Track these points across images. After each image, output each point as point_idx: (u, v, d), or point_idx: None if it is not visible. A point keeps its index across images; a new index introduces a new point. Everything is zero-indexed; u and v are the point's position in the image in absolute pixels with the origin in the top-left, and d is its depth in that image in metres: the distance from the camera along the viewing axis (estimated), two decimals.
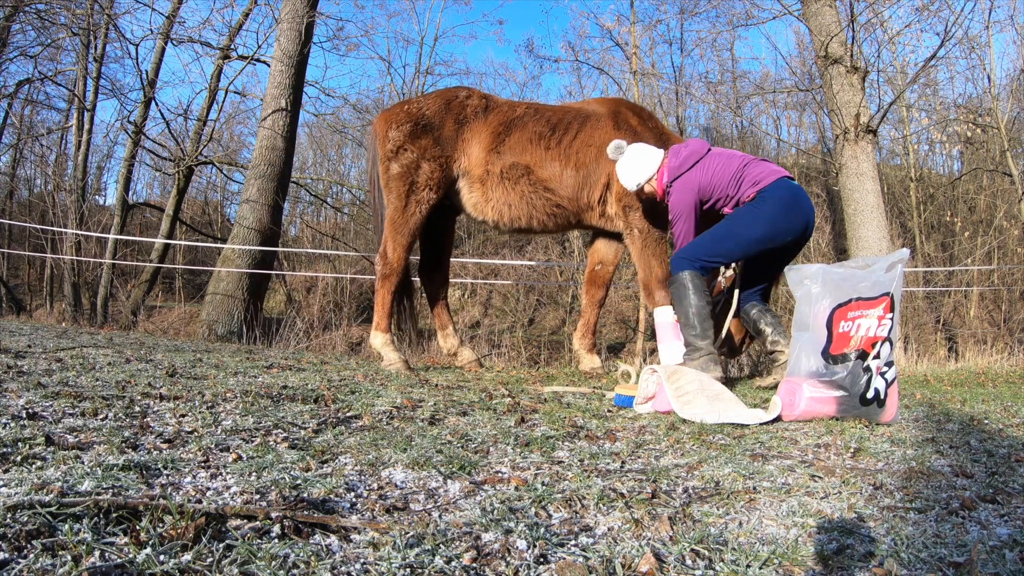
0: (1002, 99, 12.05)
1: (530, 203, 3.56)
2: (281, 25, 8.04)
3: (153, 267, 11.30)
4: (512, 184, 3.55)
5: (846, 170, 6.94)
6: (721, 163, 2.97)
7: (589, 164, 3.52)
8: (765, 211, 2.84)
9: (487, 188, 3.59)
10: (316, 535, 0.92)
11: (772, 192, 2.85)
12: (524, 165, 3.53)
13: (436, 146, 3.57)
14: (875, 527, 1.10)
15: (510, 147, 3.55)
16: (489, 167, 3.56)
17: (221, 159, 12.85)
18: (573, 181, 3.52)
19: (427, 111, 3.66)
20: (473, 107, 3.68)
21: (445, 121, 3.61)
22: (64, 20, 11.33)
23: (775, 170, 2.93)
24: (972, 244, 12.94)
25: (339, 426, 1.69)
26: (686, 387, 2.27)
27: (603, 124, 3.58)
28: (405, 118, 3.64)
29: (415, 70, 16.26)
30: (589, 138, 3.55)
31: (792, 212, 2.86)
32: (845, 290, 2.18)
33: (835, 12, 7.07)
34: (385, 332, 3.68)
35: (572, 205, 3.57)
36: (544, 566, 0.88)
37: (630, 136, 3.47)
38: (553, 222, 3.65)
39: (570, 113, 3.69)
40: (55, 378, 2.06)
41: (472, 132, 3.63)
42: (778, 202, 2.84)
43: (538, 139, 3.55)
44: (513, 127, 3.60)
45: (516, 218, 3.60)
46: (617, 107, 3.70)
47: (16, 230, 14.73)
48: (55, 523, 0.86)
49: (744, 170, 2.94)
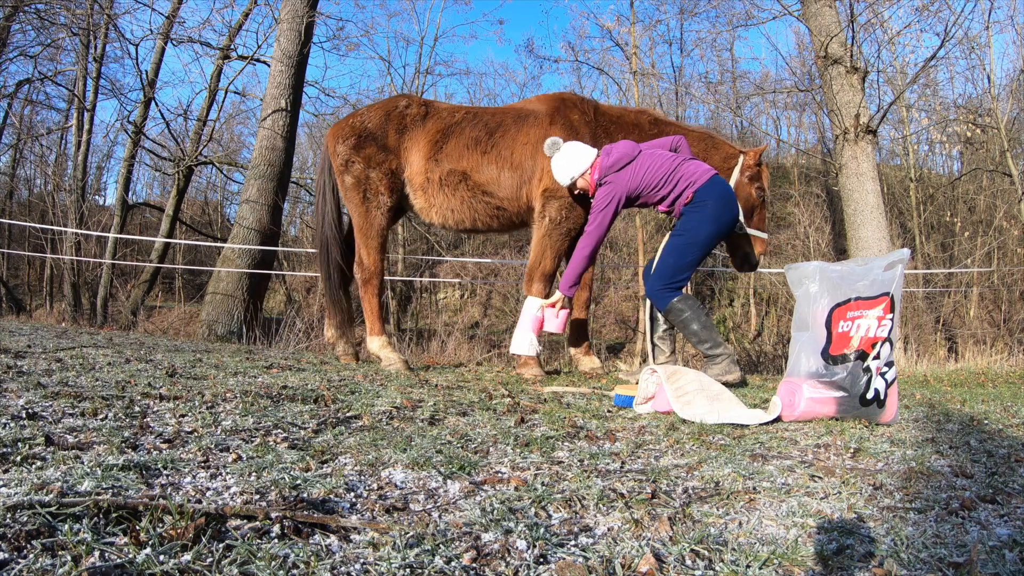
0: (1002, 99, 12.06)
1: (471, 207, 3.67)
2: (281, 25, 8.04)
3: (153, 267, 11.29)
4: (452, 190, 3.66)
5: (846, 170, 6.94)
6: (652, 163, 3.16)
7: (525, 163, 3.59)
8: (708, 211, 3.06)
9: (429, 195, 3.72)
10: (316, 535, 0.92)
11: (709, 191, 3.07)
12: (461, 171, 3.64)
13: (380, 154, 3.74)
14: (875, 527, 1.10)
15: (447, 154, 3.67)
16: (429, 175, 3.69)
17: (221, 159, 12.84)
18: (512, 182, 3.60)
19: (368, 123, 3.83)
20: (412, 116, 3.81)
21: (387, 131, 3.78)
22: (64, 20, 11.32)
23: (706, 168, 3.13)
24: (972, 244, 12.94)
25: (339, 426, 1.69)
26: (686, 387, 2.27)
27: (540, 121, 3.65)
28: (350, 131, 3.83)
29: (415, 70, 16.26)
30: (524, 136, 3.62)
31: (729, 206, 3.11)
32: (843, 289, 2.18)
33: (835, 12, 7.07)
34: (380, 335, 3.79)
35: (513, 205, 3.66)
36: (544, 566, 0.88)
37: (566, 132, 3.54)
38: (497, 223, 3.76)
39: (508, 114, 3.78)
40: (55, 378, 2.06)
41: (412, 141, 3.76)
42: (718, 199, 3.07)
43: (475, 144, 3.65)
44: (450, 134, 3.70)
45: (460, 221, 3.74)
46: (557, 104, 3.74)
47: (16, 230, 14.73)
48: (55, 523, 0.86)
49: (677, 170, 3.12)
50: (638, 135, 3.65)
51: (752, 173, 3.57)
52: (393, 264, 15.69)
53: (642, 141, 3.61)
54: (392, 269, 15.67)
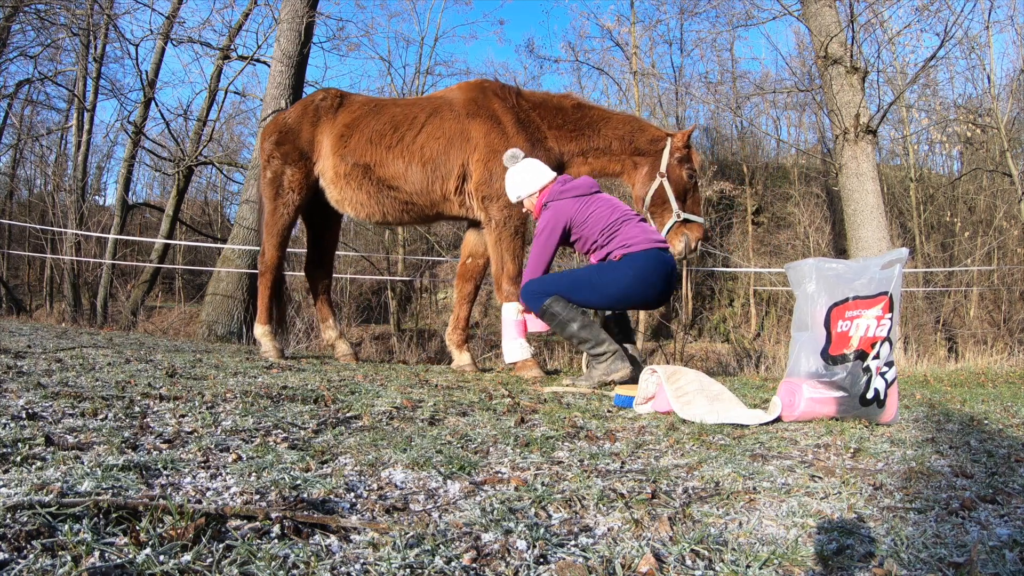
0: (1002, 99, 12.06)
1: (378, 201, 3.70)
2: (281, 25, 8.04)
3: (153, 267, 11.29)
4: (357, 184, 3.69)
5: (846, 170, 6.94)
6: (600, 209, 3.05)
7: (438, 157, 3.57)
8: (623, 278, 2.92)
9: (339, 188, 3.77)
10: (316, 535, 0.92)
11: (636, 261, 2.92)
12: (364, 165, 3.66)
13: (296, 151, 3.81)
14: (875, 527, 1.10)
15: (351, 148, 3.70)
16: (336, 168, 3.73)
17: (221, 159, 12.85)
18: (421, 176, 3.59)
19: (289, 119, 3.91)
20: (325, 108, 3.85)
21: (303, 126, 3.84)
22: (64, 20, 11.32)
23: (649, 239, 2.98)
24: (972, 244, 12.94)
25: (339, 426, 1.69)
26: (686, 387, 2.27)
27: (455, 112, 3.63)
28: (273, 128, 3.94)
29: (415, 70, 16.28)
30: (437, 130, 3.60)
31: (648, 284, 2.93)
32: (841, 288, 2.18)
33: (835, 12, 7.07)
34: (264, 324, 3.91)
35: (424, 199, 3.65)
36: (544, 566, 0.88)
37: (487, 122, 3.52)
38: (408, 216, 3.78)
39: (420, 106, 3.76)
40: (55, 378, 2.06)
41: (323, 134, 3.81)
42: (639, 271, 2.91)
43: (379, 138, 3.65)
44: (355, 128, 3.72)
45: (371, 215, 3.77)
46: (476, 93, 3.70)
47: (16, 230, 14.72)
48: (55, 523, 0.86)
49: (619, 226, 3.01)
50: (561, 118, 3.61)
51: (681, 155, 3.51)
52: (393, 264, 15.69)
53: (565, 124, 3.59)
54: (392, 269, 15.67)
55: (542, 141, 3.57)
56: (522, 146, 3.44)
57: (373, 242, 16.30)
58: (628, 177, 3.67)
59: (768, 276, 13.96)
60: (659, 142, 3.57)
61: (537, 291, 3.02)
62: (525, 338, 3.43)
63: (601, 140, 3.61)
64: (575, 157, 3.63)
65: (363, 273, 15.32)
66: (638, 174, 3.60)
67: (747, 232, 15.56)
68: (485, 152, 3.50)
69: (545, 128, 3.60)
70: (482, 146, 3.51)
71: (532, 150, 3.47)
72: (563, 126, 3.61)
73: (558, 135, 3.60)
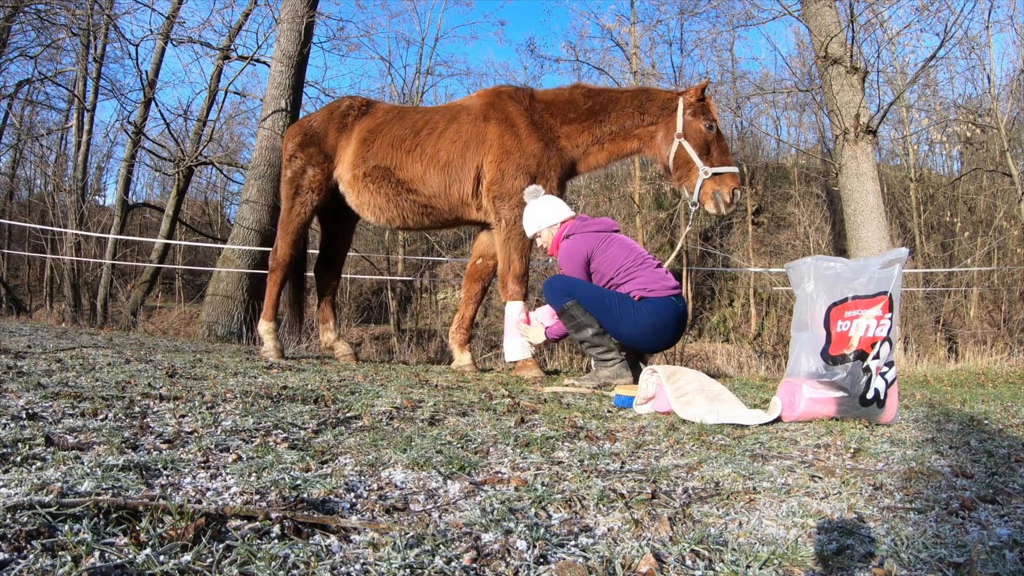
0: (1002, 99, 12.06)
1: (397, 205, 3.75)
2: (281, 25, 8.04)
3: (153, 268, 11.29)
4: (376, 187, 3.75)
5: (846, 170, 6.94)
6: (618, 248, 3.08)
7: (455, 160, 3.62)
8: (640, 320, 2.95)
9: (358, 192, 3.82)
10: (316, 535, 0.92)
11: (655, 307, 2.96)
12: (384, 168, 3.72)
13: (320, 153, 3.90)
14: (875, 527, 1.10)
15: (373, 152, 3.76)
16: (355, 171, 3.79)
17: (221, 159, 12.84)
18: (439, 180, 3.64)
19: (315, 123, 4.00)
20: (352, 115, 3.94)
21: (328, 130, 3.93)
22: (64, 20, 11.33)
23: (667, 285, 3.01)
24: (972, 244, 12.95)
25: (339, 427, 1.69)
26: (686, 387, 2.27)
27: (472, 116, 3.68)
28: (298, 130, 4.02)
29: (416, 70, 16.28)
30: (455, 134, 3.66)
31: (660, 332, 2.99)
32: (840, 288, 2.17)
33: (835, 12, 7.07)
34: (269, 320, 3.95)
35: (442, 203, 3.69)
36: (544, 566, 0.88)
37: (502, 125, 3.56)
38: (428, 220, 3.81)
39: (440, 112, 3.84)
40: (55, 378, 2.06)
41: (347, 139, 3.89)
42: (657, 319, 2.95)
43: (399, 142, 3.73)
44: (378, 133, 3.80)
45: (391, 219, 3.82)
46: (492, 98, 3.74)
47: (16, 230, 14.72)
48: (55, 523, 0.86)
49: (637, 269, 3.03)
50: (574, 112, 3.62)
51: (695, 109, 3.44)
52: (393, 264, 15.69)
53: (577, 117, 3.60)
54: (392, 269, 15.67)
55: (555, 141, 3.60)
56: (535, 146, 3.50)
57: (373, 242, 16.29)
58: (648, 149, 3.61)
59: (768, 276, 13.96)
60: (671, 103, 3.50)
61: (561, 289, 3.06)
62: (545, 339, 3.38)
63: (613, 124, 3.60)
64: (591, 147, 3.64)
65: (363, 273, 15.32)
66: (655, 143, 3.55)
67: (747, 232, 15.56)
68: (498, 153, 3.54)
69: (558, 126, 3.62)
70: (495, 147, 3.55)
71: (545, 150, 3.53)
72: (576, 120, 3.62)
73: (571, 130, 3.62)
